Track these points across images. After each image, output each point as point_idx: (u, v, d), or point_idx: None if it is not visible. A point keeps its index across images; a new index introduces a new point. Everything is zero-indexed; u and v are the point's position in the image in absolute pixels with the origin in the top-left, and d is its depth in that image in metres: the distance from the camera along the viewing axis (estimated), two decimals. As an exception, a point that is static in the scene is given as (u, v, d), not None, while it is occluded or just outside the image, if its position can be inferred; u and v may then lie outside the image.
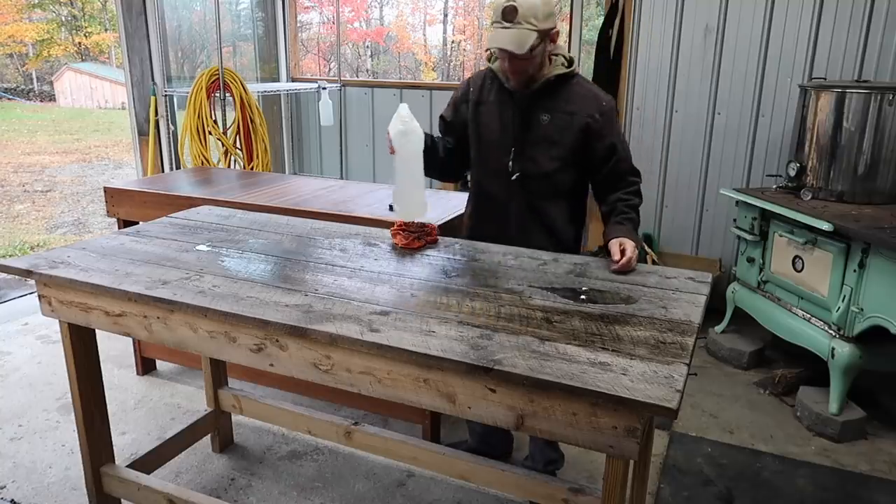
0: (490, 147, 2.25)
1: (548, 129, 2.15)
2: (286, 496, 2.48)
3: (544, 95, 2.15)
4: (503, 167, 2.21)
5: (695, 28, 4.00)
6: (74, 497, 2.44)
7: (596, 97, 2.16)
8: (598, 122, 2.12)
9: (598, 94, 2.18)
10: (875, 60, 3.62)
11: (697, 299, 1.77)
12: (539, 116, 2.15)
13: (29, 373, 3.41)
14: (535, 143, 2.17)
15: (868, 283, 2.80)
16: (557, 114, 2.14)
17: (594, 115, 2.12)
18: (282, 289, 1.79)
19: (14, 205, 8.30)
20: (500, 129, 2.21)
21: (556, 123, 2.14)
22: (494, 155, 2.23)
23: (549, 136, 2.15)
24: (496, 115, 2.21)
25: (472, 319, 1.60)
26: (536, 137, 2.16)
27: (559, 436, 1.41)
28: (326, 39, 12.11)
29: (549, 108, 2.14)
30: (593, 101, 2.15)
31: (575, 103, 2.14)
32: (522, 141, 2.18)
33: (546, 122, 2.14)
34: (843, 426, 2.89)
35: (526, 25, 1.96)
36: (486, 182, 2.30)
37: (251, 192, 3.00)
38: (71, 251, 2.08)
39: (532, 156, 2.18)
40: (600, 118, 2.12)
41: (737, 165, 4.07)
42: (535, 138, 2.16)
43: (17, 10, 21.08)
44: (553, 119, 2.14)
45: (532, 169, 2.18)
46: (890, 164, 3.13)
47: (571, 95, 2.15)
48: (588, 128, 2.13)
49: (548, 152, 2.16)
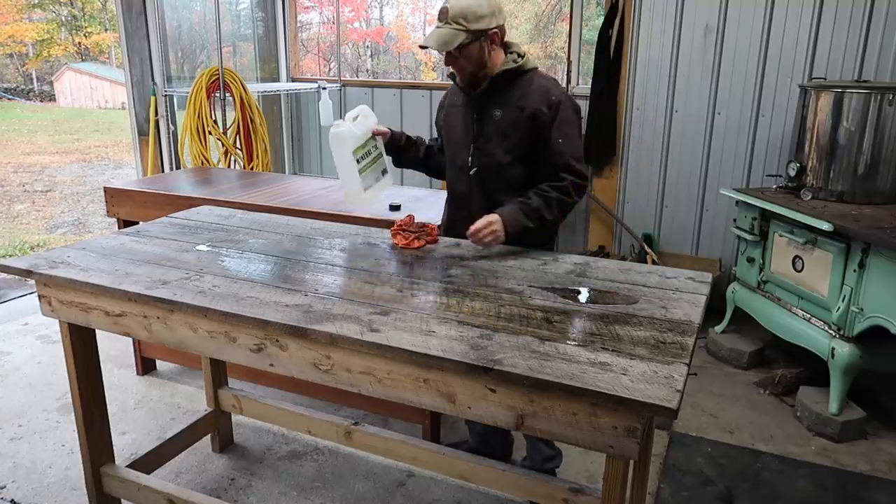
0: (454, 146, 2.34)
1: (500, 123, 2.20)
2: (286, 496, 2.48)
3: (496, 91, 2.20)
4: (465, 164, 2.29)
5: (695, 28, 4.00)
6: (74, 497, 2.44)
7: (547, 91, 2.18)
8: (545, 114, 2.15)
9: (550, 89, 2.19)
10: (875, 60, 3.62)
11: (697, 299, 1.77)
12: (492, 112, 2.21)
13: (29, 373, 3.41)
14: (489, 138, 2.23)
15: (868, 283, 2.80)
16: (508, 108, 2.19)
17: (542, 108, 2.15)
18: (282, 289, 1.79)
19: (14, 205, 8.30)
20: (461, 128, 2.30)
21: (507, 117, 2.19)
22: (457, 153, 2.33)
23: (501, 129, 2.20)
24: (459, 115, 2.32)
25: (472, 319, 1.60)
26: (490, 132, 2.22)
27: (559, 436, 1.41)
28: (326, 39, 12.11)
29: (502, 103, 2.20)
30: (544, 94, 2.17)
31: (526, 97, 2.18)
32: (478, 137, 2.25)
33: (498, 117, 2.20)
34: (843, 426, 2.89)
35: (454, 25, 2.06)
36: (452, 181, 2.39)
37: (251, 192, 3.00)
38: (71, 251, 2.08)
39: (487, 150, 2.24)
40: (548, 111, 2.15)
41: (737, 165, 4.07)
42: (488, 133, 2.23)
43: (17, 10, 21.08)
44: (504, 113, 2.20)
45: (487, 162, 2.25)
46: (890, 164, 3.13)
47: (524, 90, 2.19)
48: (536, 119, 2.16)
49: (500, 146, 2.21)
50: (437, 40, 2.08)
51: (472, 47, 2.10)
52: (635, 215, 4.40)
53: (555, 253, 2.16)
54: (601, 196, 4.44)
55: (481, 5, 2.07)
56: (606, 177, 4.41)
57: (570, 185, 2.16)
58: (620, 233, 4.47)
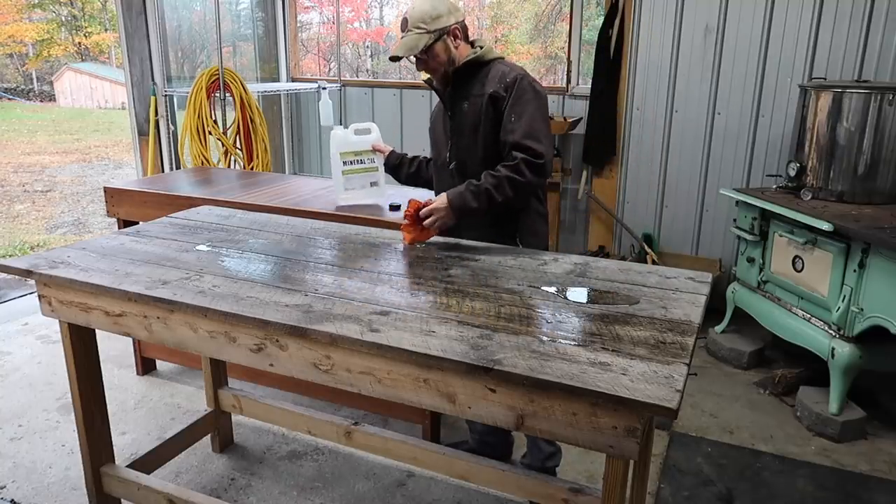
0: (437, 147, 2.42)
1: (468, 114, 2.26)
2: (286, 496, 2.48)
3: (462, 85, 2.28)
4: (445, 161, 2.35)
5: (695, 28, 4.00)
6: (74, 497, 2.44)
7: (503, 73, 2.22)
8: (501, 96, 2.19)
9: (506, 71, 2.22)
10: (875, 60, 3.62)
11: (697, 299, 1.77)
12: (461, 106, 2.27)
13: (29, 373, 3.41)
14: (461, 130, 2.28)
15: (868, 283, 2.80)
16: (472, 98, 2.25)
17: (500, 90, 2.19)
18: (282, 289, 1.79)
19: (14, 205, 8.30)
20: (440, 127, 2.38)
21: (472, 108, 2.25)
22: (440, 152, 2.39)
23: (470, 120, 2.25)
24: (439, 118, 2.40)
25: (472, 319, 1.60)
26: (461, 125, 2.28)
27: (559, 436, 1.41)
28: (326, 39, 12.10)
29: (466, 95, 2.26)
30: (500, 76, 2.21)
31: (485, 84, 2.23)
32: (453, 132, 2.31)
33: (466, 108, 2.26)
34: (843, 426, 2.89)
35: (416, 31, 2.18)
36: (437, 180, 2.45)
37: (251, 192, 3.00)
38: (71, 251, 2.08)
39: (461, 144, 2.30)
40: (504, 93, 2.18)
41: (737, 165, 4.07)
42: (460, 126, 2.29)
43: (17, 10, 21.07)
44: (470, 104, 2.25)
45: (463, 156, 2.30)
46: (890, 164, 3.13)
47: (485, 78, 2.25)
48: (495, 102, 2.20)
49: (472, 137, 2.26)
50: (404, 46, 2.20)
51: (437, 47, 2.21)
52: (635, 215, 4.40)
53: (555, 253, 2.16)
54: (601, 196, 4.44)
55: (436, 7, 2.19)
56: (606, 177, 4.41)
57: (521, 162, 2.10)
58: (620, 233, 4.47)
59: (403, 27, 2.22)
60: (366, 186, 2.72)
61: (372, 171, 2.73)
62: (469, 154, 2.28)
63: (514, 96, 2.17)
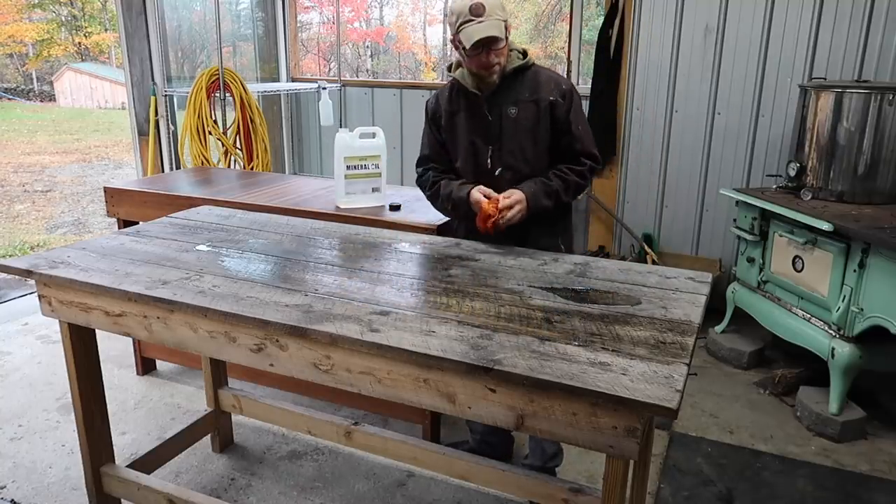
0: (470, 150, 2.30)
1: (518, 119, 2.22)
2: (286, 496, 2.48)
3: (506, 89, 2.22)
4: (485, 166, 2.28)
5: (695, 28, 4.00)
6: (74, 497, 2.44)
7: (556, 80, 2.24)
8: (560, 103, 2.21)
9: (557, 78, 2.25)
10: (875, 60, 3.62)
11: (697, 299, 1.77)
12: (507, 110, 2.22)
13: (29, 373, 3.41)
14: (510, 135, 2.24)
15: (868, 283, 2.80)
16: (522, 103, 2.21)
17: (556, 97, 2.21)
18: (282, 289, 1.79)
19: (14, 205, 8.30)
20: (475, 131, 2.27)
21: (524, 113, 2.21)
22: (475, 157, 2.30)
23: (521, 125, 2.22)
24: (469, 119, 2.28)
25: (472, 319, 1.60)
26: (509, 130, 2.23)
27: (559, 436, 1.41)
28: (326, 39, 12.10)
29: (514, 100, 2.22)
30: (554, 83, 2.23)
31: (537, 90, 2.21)
32: (497, 137, 2.25)
33: (514, 114, 2.22)
34: (843, 426, 2.89)
35: (495, 17, 2.07)
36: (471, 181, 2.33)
37: (251, 192, 3.00)
38: (71, 251, 2.08)
39: (510, 149, 2.25)
40: (562, 100, 2.21)
41: (737, 165, 4.07)
42: (508, 131, 2.23)
43: (17, 10, 21.07)
44: (520, 109, 2.21)
45: (512, 161, 2.25)
46: (890, 164, 3.13)
47: (532, 83, 2.22)
48: (553, 108, 2.21)
49: (524, 140, 2.23)
50: (494, 29, 2.06)
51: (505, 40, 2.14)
52: (635, 215, 4.40)
53: (555, 253, 2.16)
54: (601, 196, 4.44)
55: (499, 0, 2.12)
56: (606, 177, 4.41)
57: (587, 170, 2.25)
58: (620, 233, 4.47)
59: (479, 12, 2.06)
60: (367, 192, 2.73)
61: (374, 176, 2.73)
62: (518, 159, 2.24)
63: (573, 106, 2.23)
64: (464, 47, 2.10)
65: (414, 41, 15.32)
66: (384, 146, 2.74)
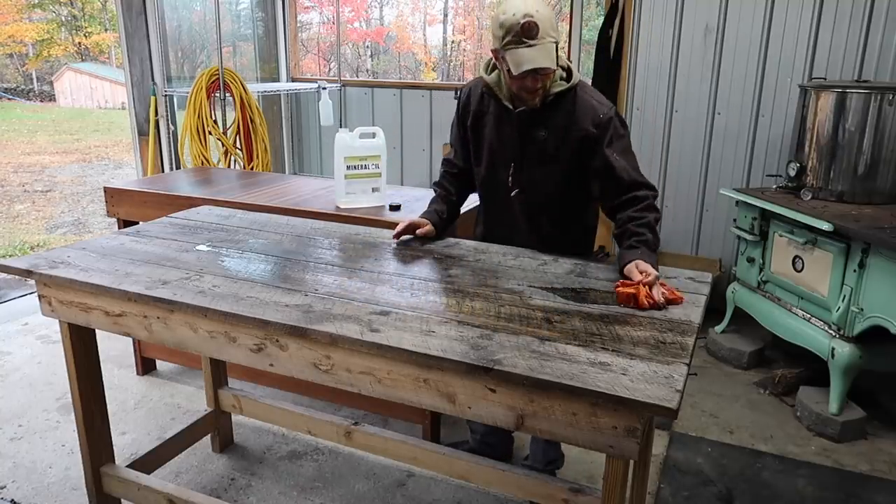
0: (490, 161, 2.20)
1: (545, 145, 2.08)
2: (286, 496, 2.48)
3: (543, 111, 2.07)
4: (504, 181, 2.17)
5: (695, 28, 4.00)
6: (74, 497, 2.44)
7: (594, 108, 2.04)
8: (593, 133, 2.02)
9: (595, 105, 2.05)
10: (875, 60, 3.62)
11: (697, 299, 1.77)
12: (537, 133, 2.08)
13: (29, 373, 3.41)
14: (533, 160, 2.11)
15: (868, 283, 2.80)
16: (554, 129, 2.06)
17: (590, 127, 2.02)
18: (282, 289, 1.79)
19: (14, 205, 8.30)
20: (500, 144, 2.16)
21: (552, 139, 2.07)
22: (494, 169, 2.20)
23: (547, 151, 2.08)
24: (495, 129, 2.15)
25: (472, 319, 1.60)
26: (533, 154, 2.10)
27: (559, 436, 1.41)
28: (326, 39, 12.11)
29: (547, 123, 2.07)
30: (590, 112, 2.03)
31: (572, 117, 2.04)
32: (521, 158, 2.12)
33: (543, 137, 2.07)
34: (843, 426, 2.89)
35: (548, 39, 1.88)
36: (489, 195, 2.29)
37: (251, 192, 3.00)
38: (71, 251, 2.08)
39: (531, 174, 2.13)
40: (596, 130, 2.01)
41: (737, 165, 4.07)
42: (532, 155, 2.11)
43: (17, 10, 21.07)
44: (550, 134, 2.07)
45: (531, 187, 2.14)
46: (890, 164, 3.13)
47: (569, 108, 2.05)
48: (584, 140, 2.03)
49: (546, 169, 2.10)
50: (546, 57, 1.88)
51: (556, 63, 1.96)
52: (635, 215, 4.39)
53: (555, 253, 2.16)
54: (601, 196, 4.43)
55: (552, 14, 1.94)
56: (606, 177, 4.41)
57: (651, 200, 2.04)
58: (620, 233, 4.47)
59: (533, 33, 1.85)
60: (367, 192, 2.73)
61: (374, 176, 2.73)
62: (534, 184, 2.13)
63: (609, 134, 2.01)
64: (508, 69, 1.92)
65: (414, 41, 15.33)
66: (384, 146, 2.74)
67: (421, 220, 2.23)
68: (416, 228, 2.20)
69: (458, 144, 2.33)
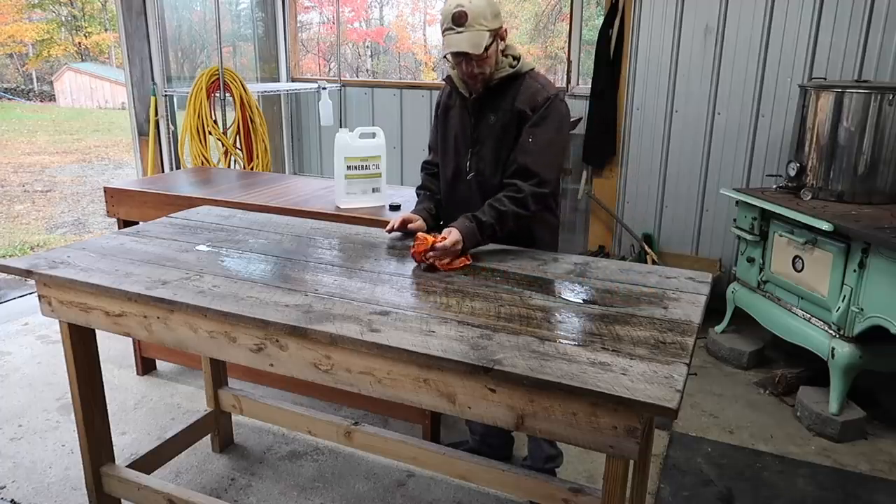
0: (451, 150, 2.31)
1: (494, 127, 2.19)
2: (286, 496, 2.48)
3: (492, 96, 2.19)
4: (462, 169, 2.28)
5: (695, 28, 4.00)
6: (74, 497, 2.44)
7: (536, 91, 2.14)
8: (528, 114, 2.12)
9: (538, 89, 2.15)
10: (875, 60, 3.62)
11: (697, 299, 1.77)
12: (488, 116, 2.20)
13: (29, 373, 3.41)
14: (484, 143, 2.21)
15: (868, 283, 2.80)
16: (502, 112, 2.17)
17: (527, 108, 2.13)
18: (282, 289, 1.79)
19: (14, 205, 8.30)
20: (458, 132, 2.28)
21: (501, 121, 2.18)
22: (454, 157, 2.30)
23: (496, 134, 2.19)
24: (456, 119, 2.28)
25: (472, 319, 1.60)
26: (485, 137, 2.21)
27: (559, 436, 1.41)
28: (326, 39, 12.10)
29: (497, 107, 2.18)
30: (532, 94, 2.14)
31: (518, 99, 2.15)
32: (475, 142, 2.23)
33: (493, 121, 2.19)
34: (843, 426, 2.89)
35: (478, 27, 2.02)
36: (449, 187, 2.35)
37: (251, 192, 3.00)
38: (71, 251, 2.08)
39: (483, 156, 2.22)
40: (531, 112, 2.12)
41: (737, 165, 4.07)
42: (484, 138, 2.21)
43: (17, 10, 21.08)
44: (499, 118, 2.18)
45: (484, 168, 2.24)
46: (890, 164, 3.13)
47: (517, 93, 2.16)
48: (521, 120, 2.14)
49: (494, 150, 2.20)
50: (469, 42, 2.01)
51: (491, 47, 2.07)
52: (635, 215, 4.40)
53: (555, 253, 2.16)
54: (601, 196, 4.44)
55: (492, 4, 2.06)
56: (606, 177, 4.41)
57: (528, 196, 2.09)
58: (620, 233, 4.47)
59: (461, 21, 2.00)
60: (367, 192, 2.74)
61: (375, 177, 2.74)
62: (489, 166, 2.21)
63: (538, 116, 2.11)
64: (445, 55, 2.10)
65: (414, 41, 15.32)
66: (384, 146, 2.74)
67: (413, 215, 2.29)
68: (409, 223, 2.26)
69: (435, 145, 2.43)
